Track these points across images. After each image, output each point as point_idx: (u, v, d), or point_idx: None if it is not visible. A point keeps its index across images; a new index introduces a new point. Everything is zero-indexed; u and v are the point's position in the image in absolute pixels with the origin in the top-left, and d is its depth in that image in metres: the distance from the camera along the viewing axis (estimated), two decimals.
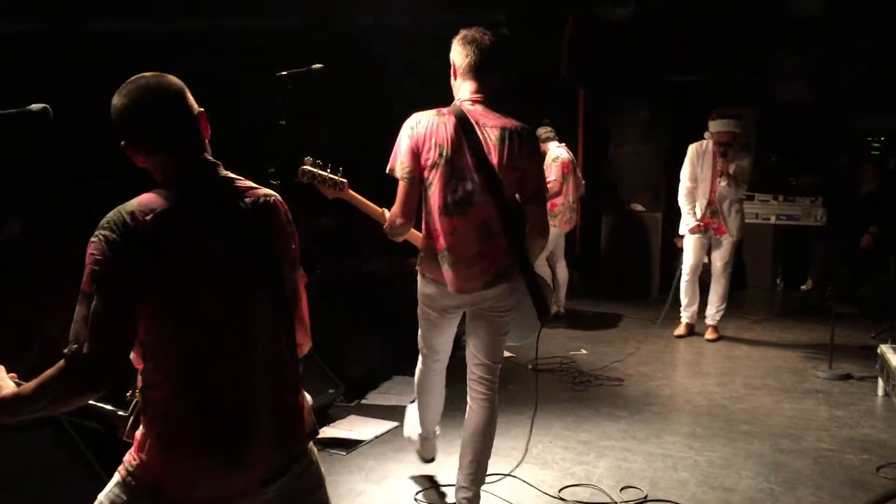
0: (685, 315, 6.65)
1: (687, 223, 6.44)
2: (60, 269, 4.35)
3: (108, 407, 1.85)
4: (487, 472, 3.37)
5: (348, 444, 4.15)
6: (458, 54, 3.11)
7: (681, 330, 6.65)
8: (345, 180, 3.24)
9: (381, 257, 6.64)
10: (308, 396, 1.97)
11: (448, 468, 3.84)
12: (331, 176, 3.22)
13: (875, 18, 8.03)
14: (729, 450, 4.18)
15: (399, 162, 3.04)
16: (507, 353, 3.89)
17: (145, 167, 1.81)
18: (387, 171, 3.09)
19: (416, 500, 3.62)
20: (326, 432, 4.24)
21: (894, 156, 8.74)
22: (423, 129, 3.02)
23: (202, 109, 1.85)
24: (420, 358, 3.40)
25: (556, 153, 6.72)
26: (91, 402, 1.77)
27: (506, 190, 3.01)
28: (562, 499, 3.59)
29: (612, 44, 8.19)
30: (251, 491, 1.77)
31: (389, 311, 5.92)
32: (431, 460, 3.75)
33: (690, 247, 6.48)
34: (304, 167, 3.22)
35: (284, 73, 3.63)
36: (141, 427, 1.75)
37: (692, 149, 6.41)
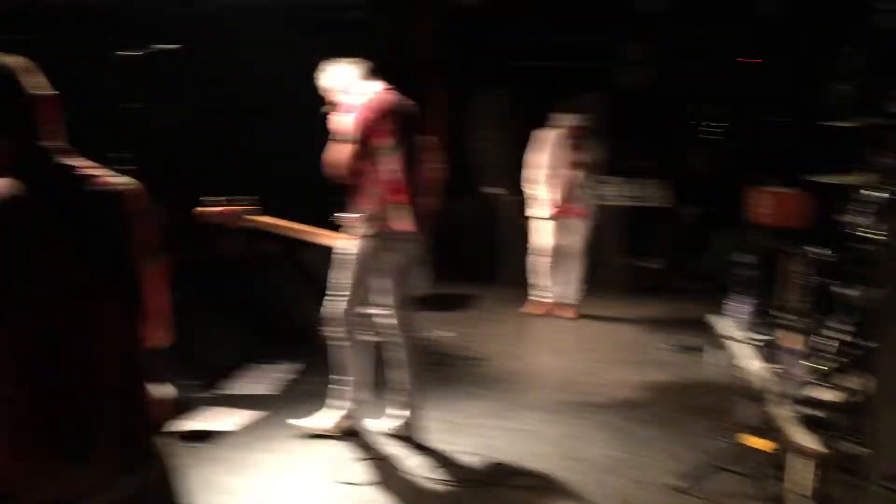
0: (544, 295, 6.89)
1: (539, 208, 6.66)
2: None
3: None
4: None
5: (208, 436, 4.05)
6: (347, 71, 3.84)
7: (540, 310, 6.88)
8: (247, 207, 3.81)
9: (236, 242, 6.46)
10: (166, 389, 1.91)
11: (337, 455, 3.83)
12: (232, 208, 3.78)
13: (709, 15, 8.59)
14: (583, 421, 4.39)
15: (360, 130, 3.70)
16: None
17: None
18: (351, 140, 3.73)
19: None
20: (186, 424, 4.12)
21: (731, 140, 9.36)
22: (376, 103, 3.74)
23: (44, 93, 1.74)
24: (344, 334, 3.97)
25: None
26: None
27: None
28: (429, 478, 3.66)
29: (467, 29, 8.31)
30: (101, 489, 1.70)
31: (247, 298, 5.79)
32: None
33: (545, 230, 6.71)
34: (196, 210, 3.75)
35: (123, 53, 3.45)
36: None
37: (542, 135, 6.61)
